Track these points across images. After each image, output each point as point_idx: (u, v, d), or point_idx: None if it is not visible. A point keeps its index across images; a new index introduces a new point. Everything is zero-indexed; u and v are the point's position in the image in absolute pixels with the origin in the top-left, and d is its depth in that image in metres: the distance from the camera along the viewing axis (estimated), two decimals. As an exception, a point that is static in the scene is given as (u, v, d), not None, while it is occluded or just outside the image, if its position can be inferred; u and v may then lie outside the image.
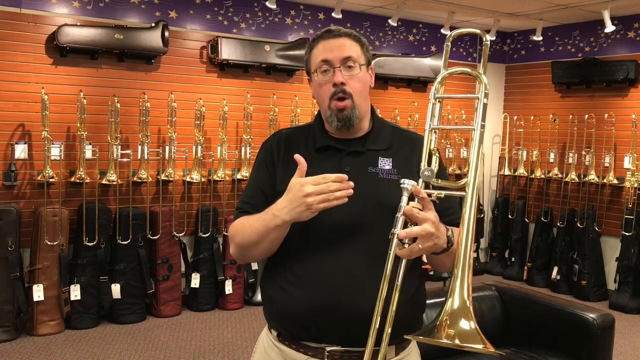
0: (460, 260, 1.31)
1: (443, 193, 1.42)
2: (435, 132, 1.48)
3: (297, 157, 1.48)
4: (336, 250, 1.54)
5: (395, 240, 1.36)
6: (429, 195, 1.40)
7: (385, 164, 1.60)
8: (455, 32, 1.54)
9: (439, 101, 1.50)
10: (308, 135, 1.68)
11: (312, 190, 1.40)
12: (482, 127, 1.39)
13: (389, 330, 1.38)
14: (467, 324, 1.25)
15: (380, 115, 1.74)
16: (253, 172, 1.72)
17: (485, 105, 1.40)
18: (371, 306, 1.39)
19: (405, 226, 1.37)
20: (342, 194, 1.41)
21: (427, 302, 1.70)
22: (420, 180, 1.41)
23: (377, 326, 1.37)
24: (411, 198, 1.39)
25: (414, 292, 1.60)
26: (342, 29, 1.63)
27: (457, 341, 1.23)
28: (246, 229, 1.57)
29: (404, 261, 1.39)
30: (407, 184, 1.37)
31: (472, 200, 1.36)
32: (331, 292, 1.51)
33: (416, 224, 1.36)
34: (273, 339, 1.65)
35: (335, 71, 1.58)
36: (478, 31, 1.56)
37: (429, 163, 1.45)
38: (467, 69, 1.51)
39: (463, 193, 1.38)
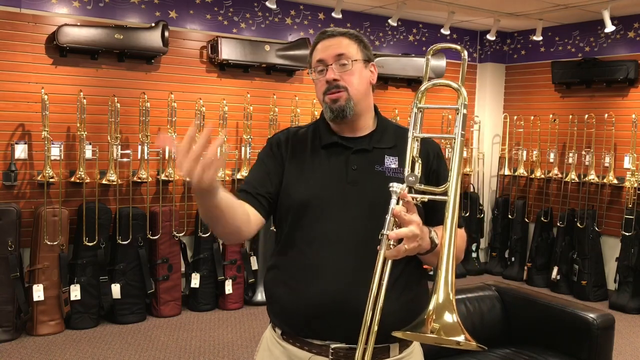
0: (443, 262, 1.34)
1: (427, 197, 1.47)
2: (417, 140, 1.52)
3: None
4: (341, 248, 1.55)
5: (385, 241, 1.38)
6: (414, 199, 1.45)
7: (392, 162, 1.63)
8: (435, 46, 1.65)
9: (421, 111, 1.54)
10: (314, 133, 1.70)
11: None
12: (462, 135, 1.47)
13: (376, 329, 1.38)
14: (450, 317, 1.29)
15: (382, 115, 1.76)
16: (257, 162, 1.71)
17: (465, 116, 1.49)
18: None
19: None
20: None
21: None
22: (404, 185, 1.45)
23: (369, 326, 1.38)
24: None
25: (416, 294, 1.63)
26: (338, 29, 1.67)
27: (441, 334, 1.26)
28: None
29: (389, 262, 1.40)
30: (396, 187, 1.41)
31: (454, 205, 1.40)
32: (336, 289, 1.53)
33: (402, 226, 1.39)
34: (277, 337, 1.65)
35: (328, 69, 1.61)
36: (458, 47, 1.66)
37: (412, 169, 1.50)
38: (448, 82, 1.57)
39: (446, 197, 1.42)
